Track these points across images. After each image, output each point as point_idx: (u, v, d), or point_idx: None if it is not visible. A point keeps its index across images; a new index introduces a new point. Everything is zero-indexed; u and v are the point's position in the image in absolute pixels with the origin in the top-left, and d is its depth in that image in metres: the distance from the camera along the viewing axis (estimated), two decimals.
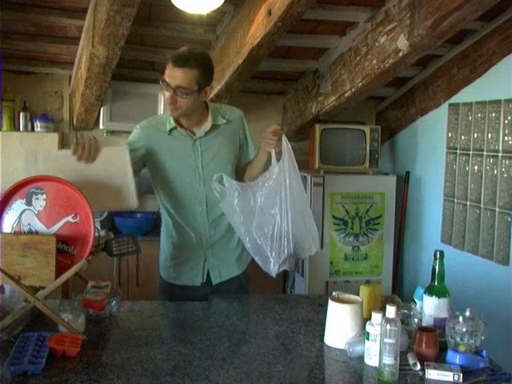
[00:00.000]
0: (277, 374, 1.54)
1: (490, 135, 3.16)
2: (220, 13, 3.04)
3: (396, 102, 4.16)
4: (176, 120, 2.21)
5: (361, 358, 1.62)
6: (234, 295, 2.27)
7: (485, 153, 3.21)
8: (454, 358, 1.59)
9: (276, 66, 3.70)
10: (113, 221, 3.93)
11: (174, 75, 2.06)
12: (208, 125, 2.22)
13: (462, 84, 3.40)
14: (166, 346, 1.70)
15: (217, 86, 3.38)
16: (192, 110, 2.16)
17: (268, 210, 2.15)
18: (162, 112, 3.90)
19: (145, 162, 2.27)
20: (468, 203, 3.36)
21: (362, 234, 3.82)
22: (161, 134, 2.24)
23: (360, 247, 3.83)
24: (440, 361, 1.61)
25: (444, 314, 1.77)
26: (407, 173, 4.03)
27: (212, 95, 3.47)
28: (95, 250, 1.87)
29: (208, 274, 2.32)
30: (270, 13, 2.55)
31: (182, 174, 2.26)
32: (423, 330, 1.67)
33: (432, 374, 1.53)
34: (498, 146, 3.10)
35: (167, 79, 2.08)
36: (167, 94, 2.10)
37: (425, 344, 1.62)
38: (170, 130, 2.22)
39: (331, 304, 1.76)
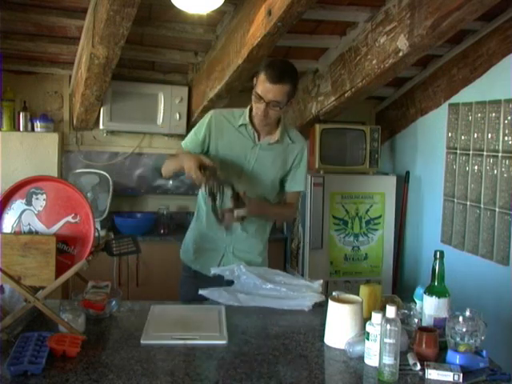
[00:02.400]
0: (277, 374, 1.54)
1: (490, 135, 3.16)
2: (220, 13, 3.04)
3: (396, 102, 4.16)
4: (250, 118, 2.27)
5: (361, 357, 1.62)
6: None
7: (485, 153, 3.21)
8: (454, 357, 1.59)
9: None
10: (113, 221, 3.93)
11: (269, 90, 2.13)
12: (275, 138, 2.30)
13: (462, 84, 3.40)
14: (165, 346, 1.69)
15: (217, 86, 3.38)
16: (278, 118, 2.25)
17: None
18: (161, 112, 3.90)
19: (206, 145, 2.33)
20: (468, 203, 3.36)
21: (361, 233, 3.82)
22: (229, 125, 2.30)
23: (360, 247, 3.83)
24: (440, 361, 1.61)
25: (444, 314, 1.77)
26: (407, 173, 4.03)
27: (212, 95, 3.47)
28: (95, 250, 1.87)
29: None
30: (270, 13, 2.55)
31: (232, 168, 2.30)
32: (423, 329, 1.67)
33: (432, 373, 1.53)
34: (498, 146, 3.10)
35: (260, 93, 2.14)
36: (260, 106, 2.16)
37: (425, 344, 1.63)
38: (240, 125, 2.28)
39: (331, 304, 1.76)
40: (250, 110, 2.29)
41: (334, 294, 1.86)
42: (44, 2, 3.00)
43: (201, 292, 2.12)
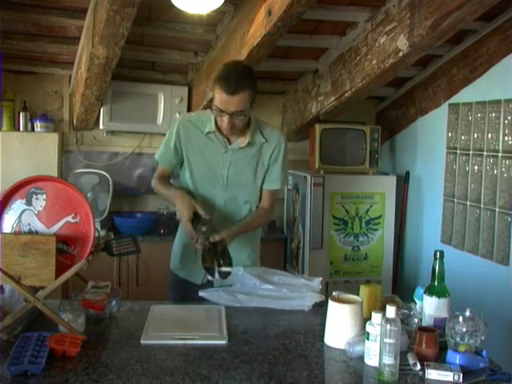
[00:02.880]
0: (277, 373, 1.54)
1: (489, 135, 3.16)
2: (220, 13, 3.04)
3: (396, 102, 4.16)
4: (217, 125, 2.20)
5: (361, 357, 1.62)
6: None
7: (485, 153, 3.21)
8: (454, 358, 1.59)
9: (276, 66, 3.70)
10: (113, 221, 3.93)
11: (230, 103, 2.06)
12: (244, 141, 2.23)
13: (462, 84, 3.40)
14: (165, 346, 1.69)
15: None
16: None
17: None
18: (161, 112, 3.90)
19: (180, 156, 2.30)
20: (468, 203, 3.36)
21: (362, 233, 3.82)
22: (197, 132, 2.25)
23: (360, 247, 3.83)
24: (440, 361, 1.61)
25: (444, 314, 1.77)
26: (407, 173, 4.03)
27: (212, 95, 3.47)
28: (95, 250, 1.87)
29: None
30: (270, 13, 2.55)
31: (207, 177, 2.27)
32: (423, 329, 1.67)
33: (432, 373, 1.53)
34: (498, 146, 3.10)
35: (220, 107, 2.08)
36: (224, 119, 2.10)
37: (425, 344, 1.62)
38: (208, 133, 2.23)
39: (331, 304, 1.76)
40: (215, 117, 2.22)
41: (333, 293, 1.85)
42: (44, 1, 3.00)
43: (201, 294, 2.11)
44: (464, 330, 1.64)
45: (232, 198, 2.28)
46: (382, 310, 1.61)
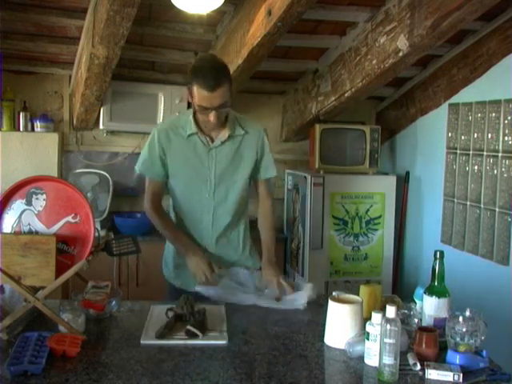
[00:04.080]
0: (277, 373, 1.54)
1: (489, 135, 3.17)
2: (220, 13, 3.04)
3: (396, 102, 4.16)
4: (197, 125, 2.20)
5: (361, 357, 1.62)
6: None
7: (485, 153, 3.21)
8: (454, 358, 1.59)
9: (276, 66, 3.70)
10: (113, 221, 3.93)
11: (212, 98, 2.05)
12: (225, 134, 2.22)
13: (462, 84, 3.40)
14: (165, 346, 1.69)
15: None
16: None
17: None
18: (161, 112, 3.90)
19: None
20: (468, 203, 3.36)
21: (362, 234, 3.82)
22: (177, 137, 2.23)
23: (360, 247, 3.83)
24: (440, 361, 1.61)
25: (444, 314, 1.77)
26: (407, 173, 4.03)
27: None
28: (95, 250, 1.87)
29: None
30: (270, 13, 2.55)
31: (194, 181, 2.26)
32: (423, 329, 1.67)
33: (432, 373, 1.53)
34: (498, 146, 3.10)
35: (205, 104, 2.07)
36: (210, 114, 2.08)
37: (425, 344, 1.62)
38: (189, 135, 2.21)
39: (331, 304, 1.76)
40: (194, 117, 2.21)
41: (334, 293, 1.86)
42: (44, 1, 3.00)
43: (197, 289, 2.11)
44: (464, 330, 1.64)
45: (221, 200, 2.27)
46: (382, 309, 1.61)
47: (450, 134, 3.53)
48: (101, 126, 3.89)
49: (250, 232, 2.43)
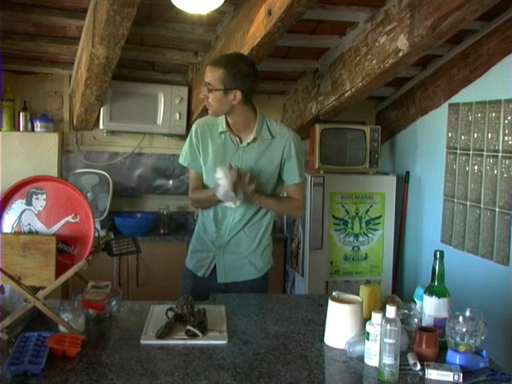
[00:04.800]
0: (277, 373, 1.54)
1: (490, 135, 3.16)
2: (220, 13, 3.04)
3: (396, 102, 4.16)
4: (227, 124, 2.31)
5: (361, 357, 1.62)
6: (234, 295, 2.28)
7: (485, 153, 3.21)
8: (454, 358, 1.59)
9: (276, 66, 3.70)
10: (113, 221, 3.93)
11: (206, 73, 2.21)
12: (250, 136, 2.31)
13: (462, 84, 3.40)
14: (165, 346, 1.69)
15: None
16: (225, 111, 2.25)
17: None
18: (161, 112, 3.91)
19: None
20: (468, 203, 3.36)
21: (362, 234, 3.82)
22: (212, 133, 2.35)
23: (360, 247, 3.83)
24: (440, 361, 1.61)
25: (444, 314, 1.77)
26: (407, 173, 4.03)
27: None
28: (95, 250, 1.87)
29: (214, 270, 2.40)
30: (270, 13, 2.55)
31: None
32: (423, 329, 1.67)
33: (432, 374, 1.53)
34: (498, 146, 3.10)
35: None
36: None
37: (425, 344, 1.62)
38: (221, 132, 2.32)
39: (331, 304, 1.76)
40: (226, 117, 2.32)
41: (333, 293, 1.86)
42: (44, 1, 3.00)
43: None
44: (464, 330, 1.64)
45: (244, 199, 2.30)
46: (382, 309, 1.61)
47: (450, 134, 3.53)
48: (101, 126, 3.89)
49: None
